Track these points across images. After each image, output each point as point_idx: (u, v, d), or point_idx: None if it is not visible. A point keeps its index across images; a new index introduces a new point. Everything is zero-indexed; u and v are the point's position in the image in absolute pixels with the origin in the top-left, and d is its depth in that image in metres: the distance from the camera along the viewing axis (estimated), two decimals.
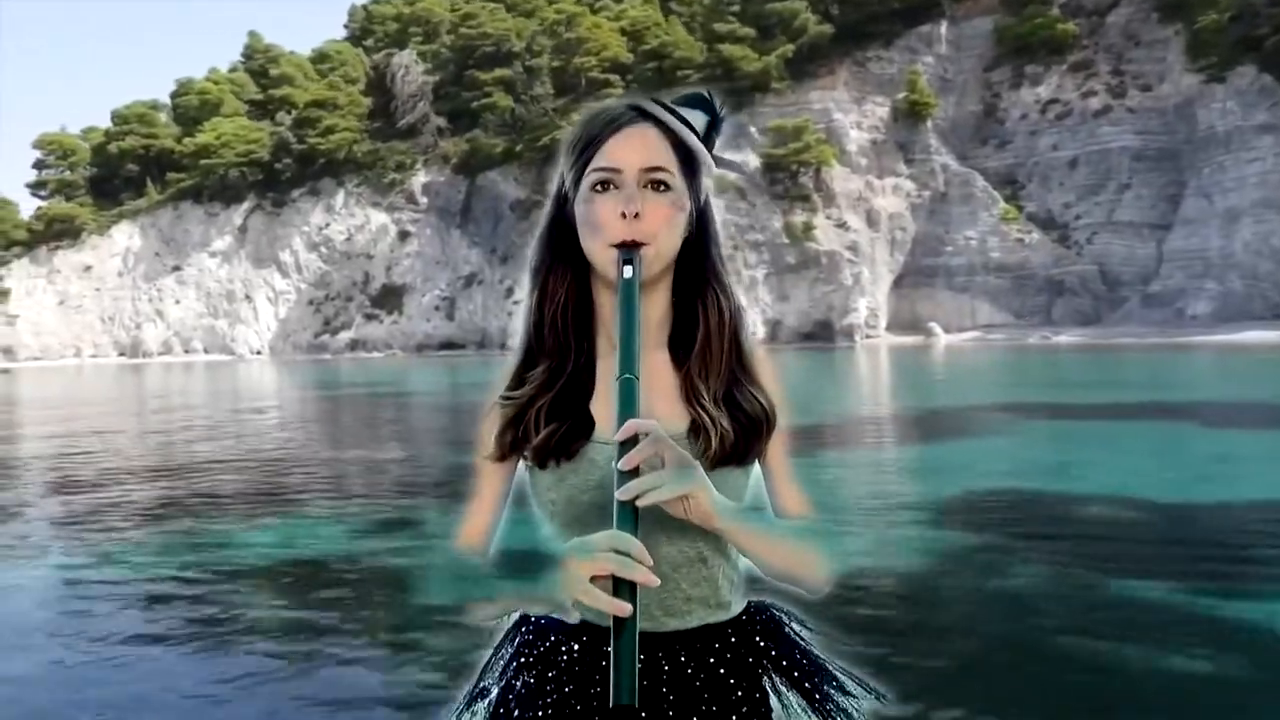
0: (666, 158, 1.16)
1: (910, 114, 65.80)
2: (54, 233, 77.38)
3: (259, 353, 76.83)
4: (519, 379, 1.22)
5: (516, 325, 1.27)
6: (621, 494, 1.01)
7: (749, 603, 1.25)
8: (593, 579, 0.99)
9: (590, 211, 1.15)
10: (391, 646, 4.79)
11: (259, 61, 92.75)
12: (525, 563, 1.11)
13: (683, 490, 1.03)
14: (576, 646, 1.18)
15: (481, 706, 1.24)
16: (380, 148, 78.46)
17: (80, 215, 76.83)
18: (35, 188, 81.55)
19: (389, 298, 75.23)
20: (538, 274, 1.24)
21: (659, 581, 0.99)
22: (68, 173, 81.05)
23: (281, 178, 77.60)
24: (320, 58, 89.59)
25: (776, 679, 1.23)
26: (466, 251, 74.11)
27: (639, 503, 1.01)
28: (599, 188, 1.15)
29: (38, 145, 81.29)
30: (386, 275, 76.17)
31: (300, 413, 24.16)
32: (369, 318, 75.15)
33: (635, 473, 1.01)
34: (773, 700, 1.22)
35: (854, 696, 1.22)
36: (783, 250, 64.00)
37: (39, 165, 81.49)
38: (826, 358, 45.90)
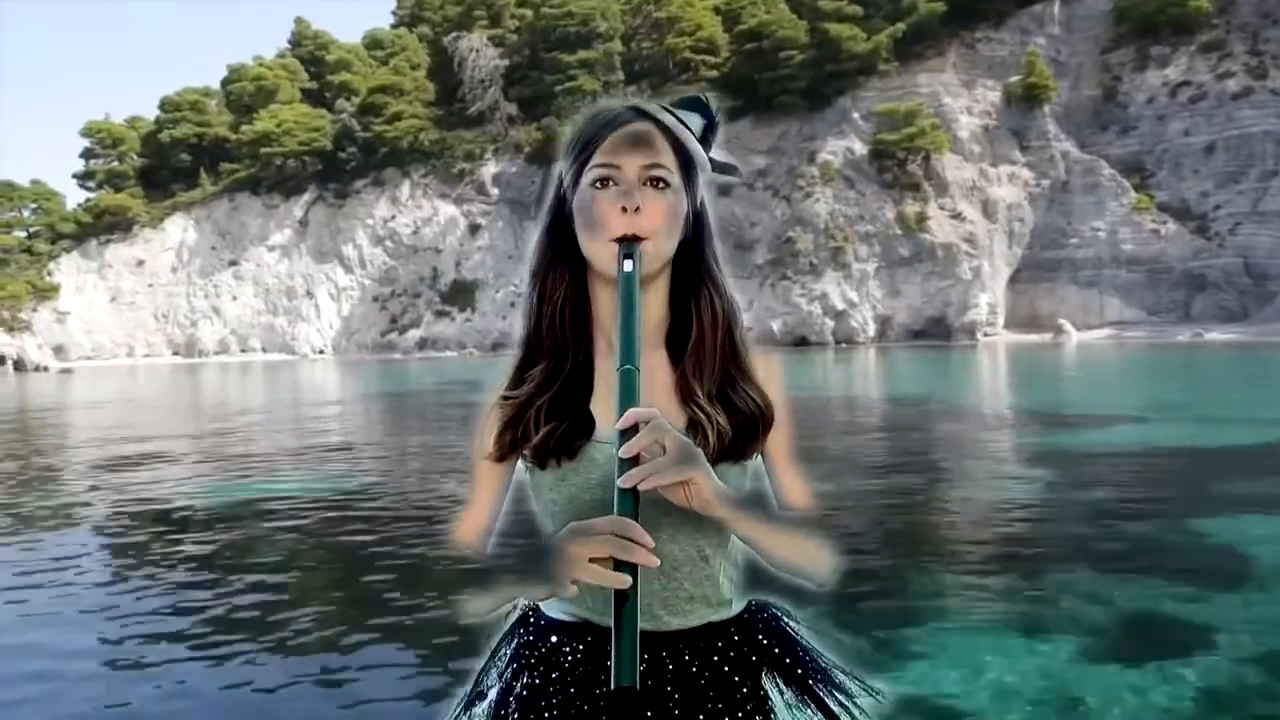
0: (666, 157, 1.18)
1: (1025, 98, 61.85)
2: (104, 225, 73.19)
3: (321, 352, 72.72)
4: (518, 379, 1.23)
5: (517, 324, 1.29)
6: (623, 481, 1.01)
7: (750, 601, 1.26)
8: (592, 560, 0.99)
9: (590, 208, 1.17)
10: None
11: (308, 48, 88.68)
12: (523, 550, 1.12)
13: (683, 475, 1.04)
14: (581, 647, 1.18)
15: (480, 709, 1.23)
16: (447, 136, 74.41)
17: (133, 207, 72.65)
18: (83, 178, 77.29)
19: (460, 294, 71.14)
20: (537, 274, 1.25)
21: (659, 562, 0.99)
22: (116, 163, 76.78)
23: (346, 167, 73.48)
24: (374, 44, 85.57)
25: (777, 677, 1.23)
26: None
27: (641, 487, 1.01)
28: (599, 185, 1.17)
29: (85, 133, 77.05)
30: (456, 270, 72.09)
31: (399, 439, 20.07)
32: (439, 315, 71.04)
33: (636, 461, 1.02)
34: (774, 698, 1.23)
35: (853, 695, 1.23)
36: (894, 242, 60.04)
37: (87, 155, 77.25)
38: (949, 357, 41.86)
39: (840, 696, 1.22)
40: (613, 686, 0.94)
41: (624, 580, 0.97)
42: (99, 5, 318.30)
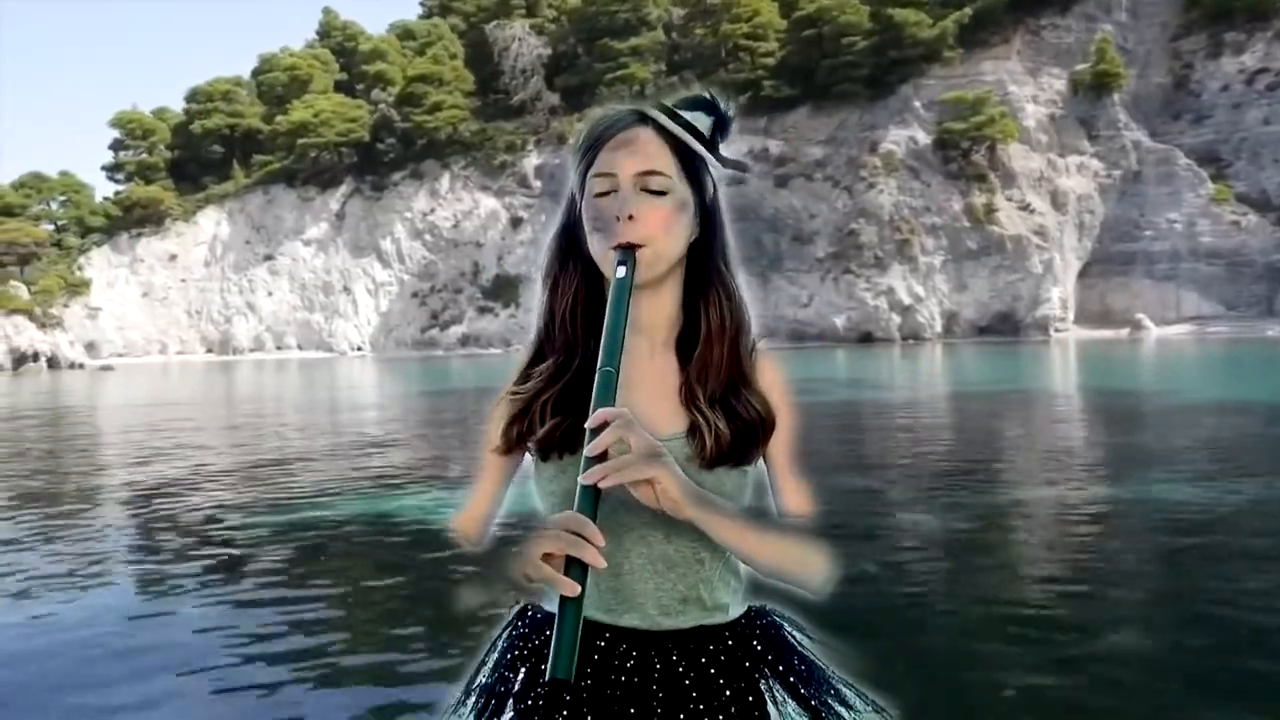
0: (663, 161, 1.17)
1: (1094, 86, 59.85)
2: (134, 219, 71.04)
3: (359, 349, 70.63)
4: (526, 374, 1.25)
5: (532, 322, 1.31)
6: (584, 477, 1.02)
7: (749, 607, 1.26)
8: (545, 557, 1.00)
9: (592, 215, 1.18)
10: None
11: (336, 39, 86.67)
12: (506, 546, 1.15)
13: (646, 473, 1.04)
14: None
15: (474, 701, 1.24)
16: (487, 127, 72.33)
17: (165, 199, 70.50)
18: (111, 170, 75.12)
19: (503, 289, 69.01)
20: (549, 274, 1.27)
21: (605, 564, 0.99)
22: (146, 154, 74.60)
23: (384, 159, 71.36)
24: (405, 34, 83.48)
25: (774, 685, 1.22)
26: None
27: (602, 484, 1.02)
28: (599, 193, 1.18)
29: (115, 124, 74.81)
30: (498, 265, 70.00)
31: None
32: (482, 311, 68.95)
33: (604, 459, 1.03)
34: (770, 707, 1.22)
35: (854, 708, 1.22)
36: (962, 234, 58.05)
37: (116, 146, 75.04)
38: (1028, 353, 39.73)
39: (841, 709, 1.20)
40: (547, 678, 0.94)
41: (573, 588, 0.96)
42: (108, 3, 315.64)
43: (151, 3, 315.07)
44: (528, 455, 1.24)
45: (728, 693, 1.18)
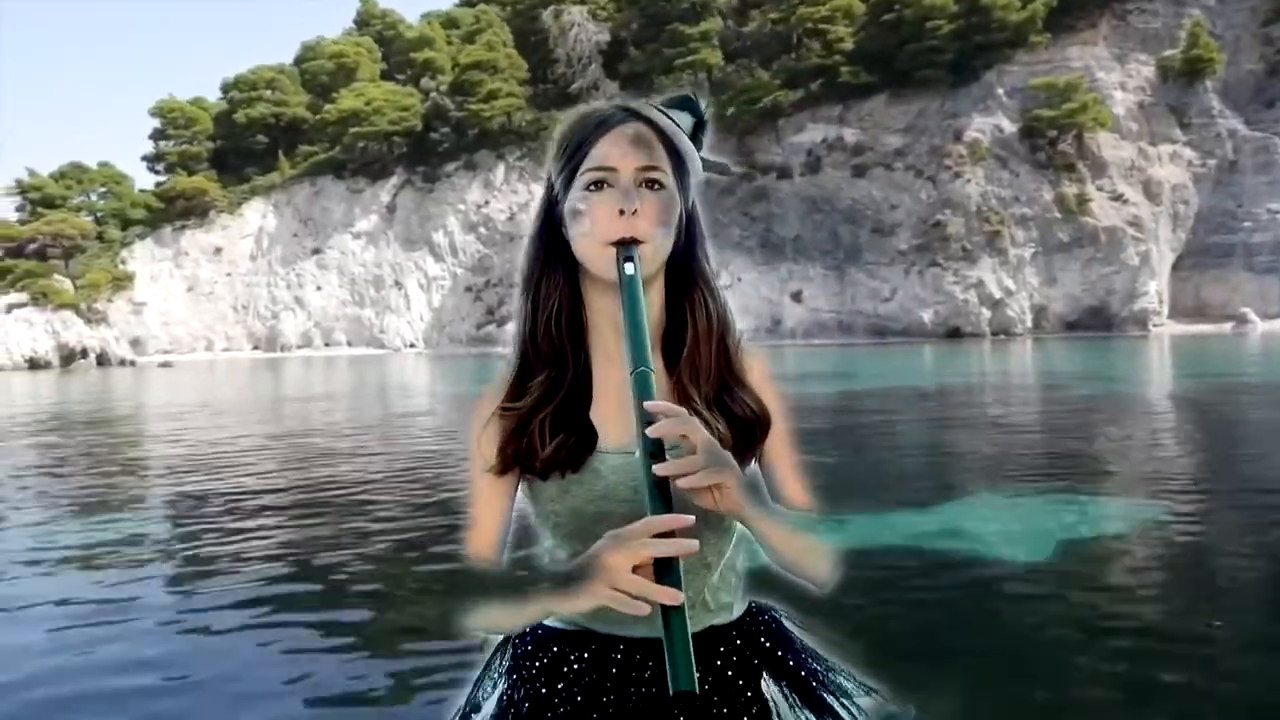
0: (660, 157, 1.16)
1: (1185, 72, 57.72)
2: (177, 210, 68.45)
3: (411, 345, 68.16)
4: (518, 389, 1.20)
5: (511, 331, 1.26)
6: (658, 469, 0.98)
7: (750, 604, 1.26)
8: (635, 569, 0.96)
9: (585, 212, 1.15)
10: None
11: (376, 28, 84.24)
12: (558, 568, 1.11)
13: (717, 479, 1.01)
14: (586, 655, 1.17)
15: None
16: (542, 117, 69.88)
17: (209, 190, 67.90)
18: (152, 161, 72.50)
19: None
20: (529, 281, 1.23)
21: (697, 545, 0.96)
22: (188, 144, 71.97)
23: (438, 149, 68.88)
24: (449, 22, 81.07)
25: (780, 680, 1.23)
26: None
27: (681, 484, 0.98)
28: (593, 188, 1.15)
29: (155, 113, 72.19)
30: None
31: None
32: None
33: (661, 454, 0.99)
34: (775, 702, 1.22)
35: (853, 695, 1.23)
36: (1053, 226, 55.83)
37: (157, 135, 72.40)
38: (1139, 348, 37.52)
39: (840, 698, 1.22)
40: (671, 692, 0.90)
41: (677, 596, 0.93)
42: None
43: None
44: None
45: (747, 694, 1.18)
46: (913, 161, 58.93)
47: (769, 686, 1.21)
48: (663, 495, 0.97)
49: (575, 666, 1.17)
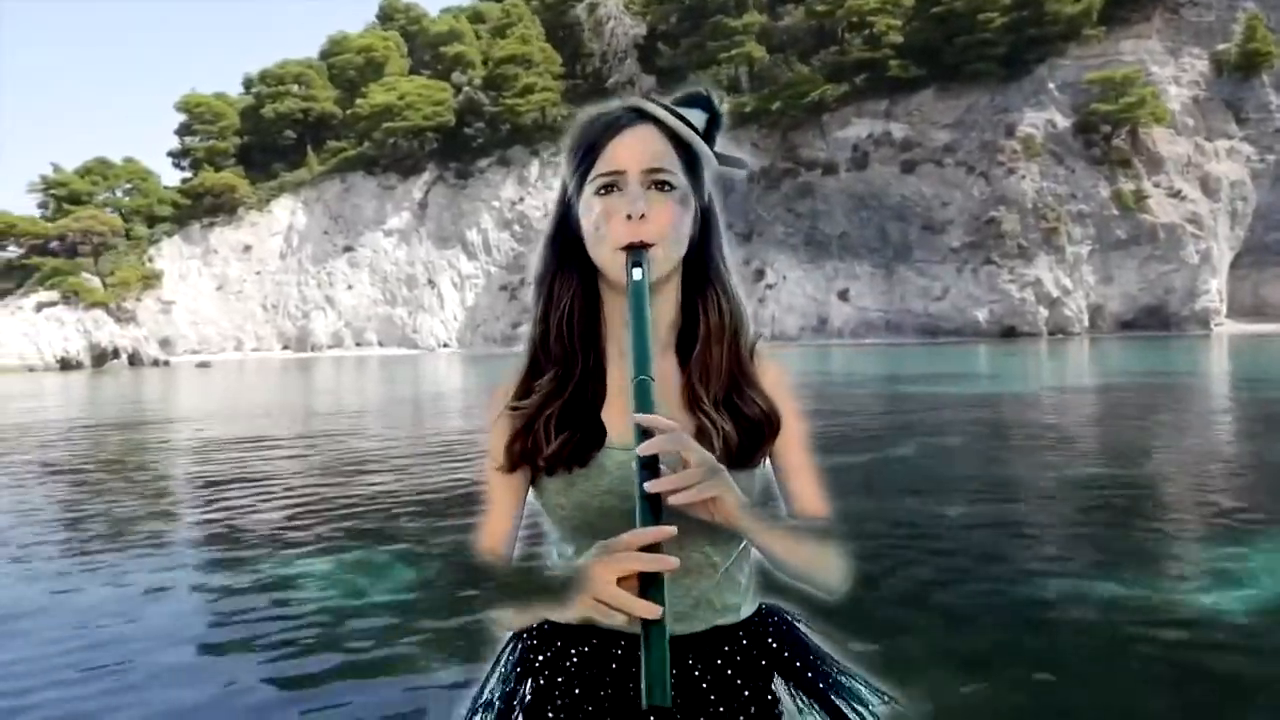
0: (669, 157, 1.15)
1: (1241, 66, 56.59)
2: (205, 207, 67.02)
3: (445, 345, 66.82)
4: (526, 388, 1.21)
5: (525, 331, 1.26)
6: (650, 486, 0.98)
7: (760, 605, 1.25)
8: (620, 581, 0.96)
9: (595, 216, 1.14)
10: None
11: (399, 22, 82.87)
12: (552, 574, 1.13)
13: (711, 493, 1.02)
14: (586, 649, 1.18)
15: (482, 717, 1.23)
16: (576, 112, 68.23)
17: (238, 187, 66.47)
18: (178, 157, 71.05)
19: None
20: (543, 281, 1.23)
21: (677, 563, 0.97)
22: (216, 140, 70.53)
23: (471, 144, 67.54)
24: (476, 16, 79.75)
25: (789, 682, 1.23)
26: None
27: (673, 500, 0.99)
28: (603, 191, 1.14)
29: (181, 108, 70.74)
30: None
31: None
32: None
33: (655, 467, 0.99)
34: (785, 703, 1.22)
35: (865, 699, 1.22)
36: (1110, 223, 54.65)
37: (183, 131, 70.93)
38: (1199, 346, 36.36)
39: (852, 701, 1.21)
40: (645, 706, 0.91)
41: (655, 610, 0.93)
42: None
43: None
44: None
45: (746, 693, 1.18)
46: (963, 157, 57.71)
47: (780, 688, 1.20)
48: (653, 507, 0.97)
49: (577, 660, 1.17)
